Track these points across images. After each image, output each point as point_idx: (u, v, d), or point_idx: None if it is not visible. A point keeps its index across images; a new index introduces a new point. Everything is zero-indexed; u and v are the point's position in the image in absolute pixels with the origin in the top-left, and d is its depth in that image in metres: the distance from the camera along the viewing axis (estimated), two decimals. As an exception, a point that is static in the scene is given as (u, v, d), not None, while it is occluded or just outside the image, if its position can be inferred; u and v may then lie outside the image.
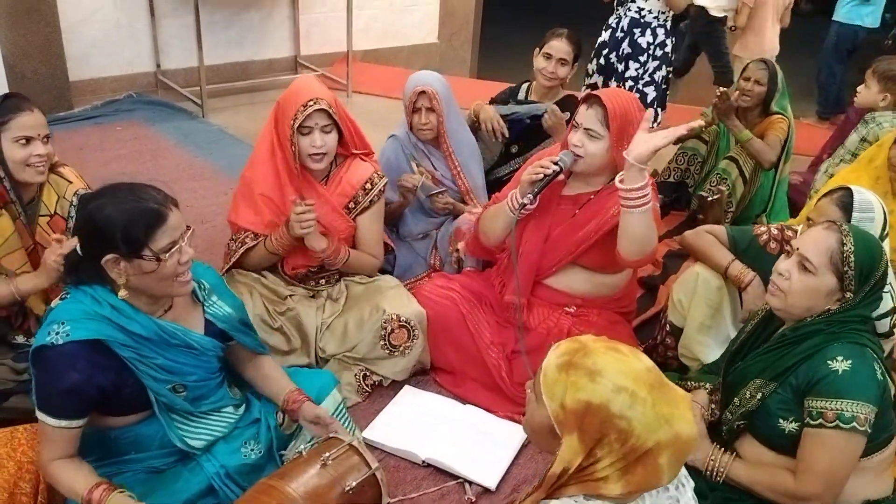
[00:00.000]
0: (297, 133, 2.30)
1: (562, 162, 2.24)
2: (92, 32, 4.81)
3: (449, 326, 2.45)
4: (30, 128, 2.08)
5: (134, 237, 1.58)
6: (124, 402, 1.71)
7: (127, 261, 1.60)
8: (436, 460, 2.13)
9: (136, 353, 1.66)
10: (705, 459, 1.84)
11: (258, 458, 1.88)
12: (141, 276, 1.62)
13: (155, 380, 1.70)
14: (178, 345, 1.73)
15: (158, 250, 1.60)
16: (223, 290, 1.93)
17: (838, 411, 1.64)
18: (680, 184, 3.82)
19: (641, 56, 4.04)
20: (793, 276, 1.76)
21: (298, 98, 2.31)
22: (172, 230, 1.63)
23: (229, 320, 1.88)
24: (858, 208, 2.08)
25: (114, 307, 1.64)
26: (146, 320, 1.68)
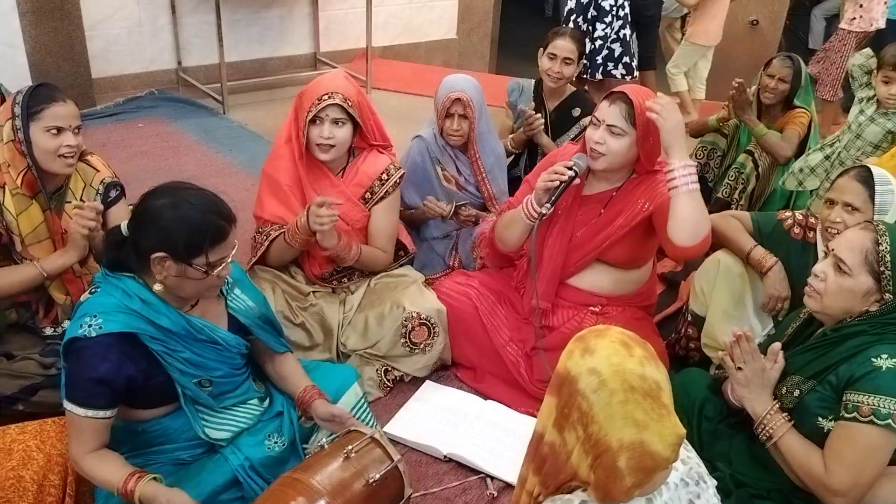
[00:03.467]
0: (308, 124, 2.33)
1: (576, 167, 2.21)
2: (114, 30, 4.86)
3: (467, 323, 2.46)
4: (62, 118, 2.09)
5: (196, 246, 1.62)
6: (152, 393, 1.73)
7: (175, 263, 1.63)
8: (457, 455, 2.14)
9: (164, 347, 1.68)
10: (763, 413, 1.79)
11: (282, 451, 1.89)
12: (181, 279, 1.66)
13: (182, 373, 1.72)
14: (204, 340, 1.76)
15: (209, 264, 1.64)
16: (246, 283, 1.96)
17: (874, 407, 1.61)
18: (700, 179, 3.78)
19: (606, 17, 4.48)
20: (828, 277, 1.74)
21: (317, 91, 2.34)
22: (227, 247, 1.68)
23: (250, 314, 1.90)
24: (879, 181, 2.07)
25: (144, 301, 1.67)
26: (175, 315, 1.70)
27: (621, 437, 1.17)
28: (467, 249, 2.90)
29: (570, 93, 3.28)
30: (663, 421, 1.18)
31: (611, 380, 1.18)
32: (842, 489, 1.65)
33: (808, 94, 3.58)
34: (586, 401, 1.19)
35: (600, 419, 1.18)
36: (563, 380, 1.24)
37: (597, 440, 1.19)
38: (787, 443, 1.74)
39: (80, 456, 1.66)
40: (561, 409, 1.24)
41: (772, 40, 6.04)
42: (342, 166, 2.50)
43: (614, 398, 1.17)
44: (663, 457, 1.17)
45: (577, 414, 1.20)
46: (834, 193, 2.17)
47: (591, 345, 1.23)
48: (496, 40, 7.01)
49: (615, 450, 1.17)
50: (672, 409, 1.21)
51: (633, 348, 1.23)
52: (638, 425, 1.16)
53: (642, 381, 1.19)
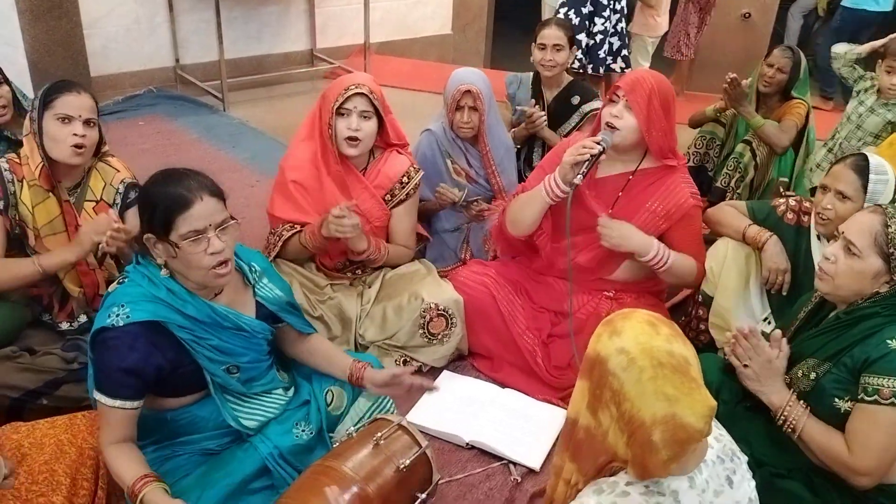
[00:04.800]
0: (335, 115, 2.34)
1: (604, 142, 2.25)
2: (112, 28, 4.85)
3: (484, 312, 2.49)
4: (72, 107, 2.11)
5: (160, 219, 1.64)
6: (181, 381, 1.76)
7: (161, 242, 1.66)
8: (480, 442, 2.17)
9: (191, 335, 1.70)
10: (781, 404, 1.81)
11: (309, 439, 1.92)
12: (173, 260, 1.68)
13: (210, 360, 1.74)
14: (230, 327, 1.78)
15: (177, 237, 1.63)
16: (272, 273, 1.98)
17: (895, 389, 1.65)
18: (700, 168, 3.84)
19: (604, 11, 4.54)
20: (839, 259, 1.77)
21: (342, 84, 2.39)
22: (195, 219, 1.63)
23: (279, 302, 1.92)
24: (874, 170, 2.12)
25: (170, 290, 1.69)
26: (200, 303, 1.72)
27: (654, 412, 1.20)
28: (479, 242, 2.93)
29: (568, 82, 3.32)
30: (693, 394, 1.21)
31: (640, 357, 1.21)
32: (867, 469, 1.68)
33: (805, 85, 3.63)
34: (617, 380, 1.22)
35: (632, 396, 1.21)
36: (594, 362, 1.27)
37: (630, 417, 1.22)
38: (809, 433, 1.77)
39: (105, 444, 1.69)
40: (593, 391, 1.27)
41: (764, 33, 6.09)
42: (363, 165, 2.52)
43: (644, 375, 1.20)
44: (696, 428, 1.20)
45: (610, 393, 1.24)
46: (828, 180, 2.22)
47: (619, 326, 1.27)
48: (491, 35, 7.03)
49: (648, 425, 1.20)
50: (701, 383, 1.24)
51: (659, 327, 1.26)
52: (669, 399, 1.19)
53: (670, 357, 1.22)
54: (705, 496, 1.28)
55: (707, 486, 1.29)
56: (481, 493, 2.04)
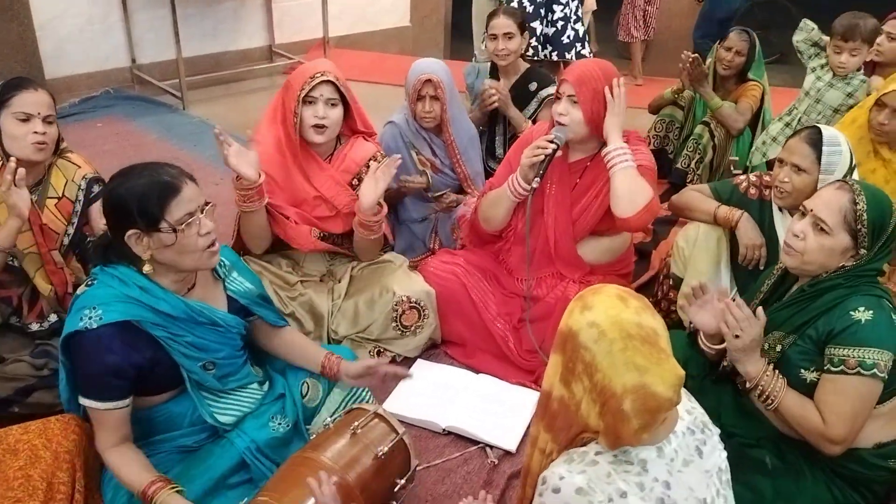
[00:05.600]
0: (301, 104, 2.34)
1: (557, 139, 2.30)
2: (65, 29, 4.77)
3: (455, 301, 2.52)
4: (30, 105, 2.10)
5: (149, 210, 1.61)
6: (158, 379, 1.75)
7: (148, 235, 1.63)
8: (456, 427, 2.20)
9: (167, 332, 1.70)
10: (757, 374, 1.82)
11: (286, 432, 1.92)
12: (164, 251, 1.66)
13: (187, 357, 1.74)
14: (204, 322, 1.77)
15: (174, 222, 1.63)
16: (242, 266, 1.98)
17: (860, 359, 1.70)
18: (660, 151, 3.91)
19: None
20: (808, 236, 1.81)
21: (308, 71, 2.37)
22: (187, 202, 1.65)
23: (250, 295, 1.92)
24: (827, 143, 2.17)
25: (142, 288, 1.68)
26: (174, 299, 1.72)
27: (624, 382, 1.24)
28: (447, 231, 2.95)
29: (526, 69, 3.36)
30: (663, 364, 1.25)
31: (610, 330, 1.25)
32: (841, 438, 1.73)
33: (760, 67, 3.71)
34: (589, 352, 1.26)
35: (603, 367, 1.25)
36: (566, 336, 1.30)
37: (602, 387, 1.25)
38: (787, 404, 1.81)
39: (105, 449, 1.69)
40: (566, 364, 1.31)
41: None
42: (329, 153, 2.52)
43: (614, 346, 1.24)
44: (665, 397, 1.24)
45: (582, 366, 1.27)
46: (784, 153, 2.27)
47: (589, 301, 1.31)
48: (450, 27, 7.04)
49: (619, 394, 1.24)
50: (670, 353, 1.28)
51: (628, 300, 1.30)
52: (639, 369, 1.23)
53: (639, 329, 1.26)
54: (673, 465, 1.32)
55: (676, 456, 1.33)
56: (459, 477, 2.06)
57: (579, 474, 1.30)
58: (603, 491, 1.28)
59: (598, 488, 1.28)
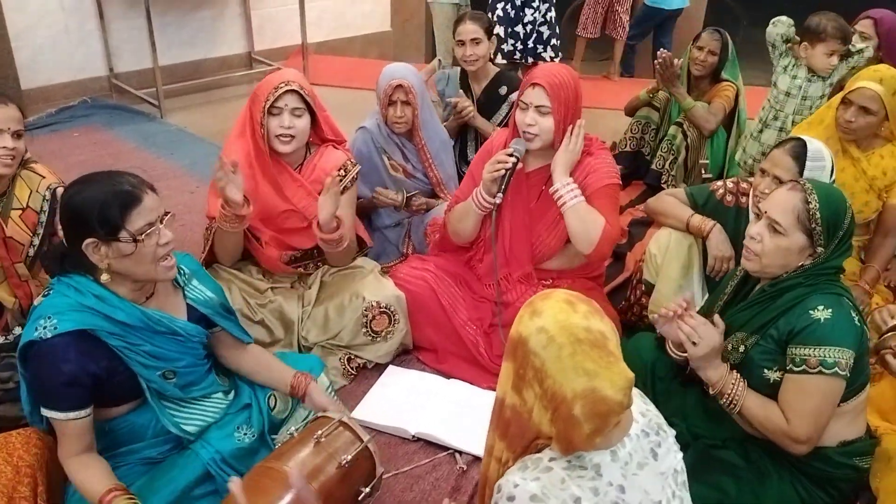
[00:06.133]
0: (267, 115, 2.33)
1: (517, 152, 2.30)
2: (40, 39, 4.75)
3: (426, 306, 2.51)
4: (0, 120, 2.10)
5: (109, 219, 1.60)
6: (117, 389, 1.73)
7: (106, 244, 1.62)
8: (426, 434, 2.19)
9: (123, 341, 1.68)
10: (720, 380, 1.83)
11: (252, 442, 1.91)
12: (122, 260, 1.64)
13: (144, 366, 1.72)
14: (163, 332, 1.76)
15: (135, 231, 1.62)
16: (203, 275, 1.96)
17: (821, 357, 1.70)
18: (636, 153, 3.92)
19: (534, 2, 4.66)
20: (765, 238, 1.81)
21: (273, 81, 2.36)
22: (148, 212, 1.64)
23: (211, 305, 1.91)
24: (811, 157, 2.16)
25: (98, 297, 1.66)
26: (130, 308, 1.70)
27: (574, 387, 1.23)
28: (420, 236, 2.94)
29: (495, 73, 3.37)
30: (612, 367, 1.24)
31: (558, 335, 1.24)
32: (805, 437, 1.74)
33: (734, 67, 3.72)
34: (538, 358, 1.26)
35: (553, 373, 1.24)
36: (517, 343, 1.30)
37: (553, 393, 1.25)
38: (749, 407, 1.82)
39: (66, 458, 1.67)
40: (517, 370, 1.30)
41: (697, 17, 6.22)
42: (299, 162, 2.51)
43: (563, 351, 1.23)
44: (615, 400, 1.24)
45: (532, 372, 1.27)
46: (767, 164, 2.26)
47: (538, 307, 1.30)
48: (431, 30, 7.03)
49: (570, 399, 1.23)
50: (620, 357, 1.28)
51: (577, 305, 1.30)
52: (588, 374, 1.23)
53: (588, 333, 1.25)
54: (628, 468, 1.32)
55: (630, 459, 1.32)
56: (428, 484, 2.06)
57: (533, 481, 1.29)
58: (557, 497, 1.27)
59: (553, 494, 1.28)
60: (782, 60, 3.44)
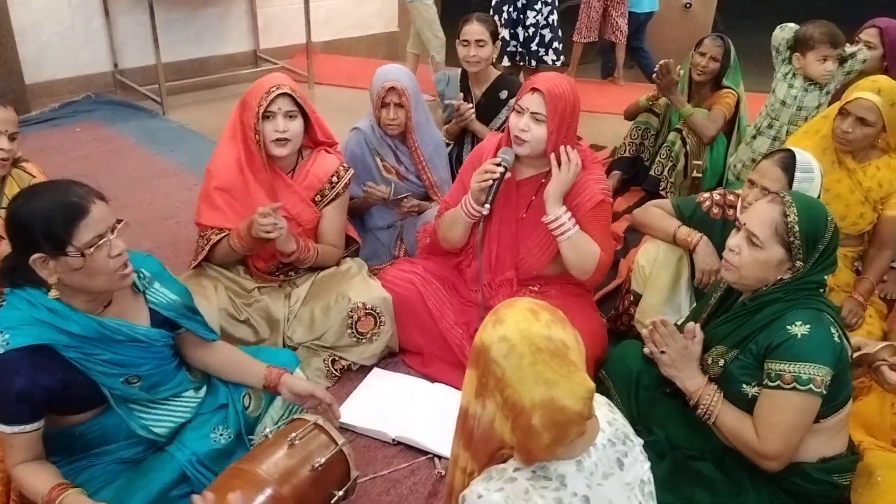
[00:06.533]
0: (261, 119, 2.32)
1: (505, 162, 2.27)
2: (46, 35, 4.78)
3: (413, 309, 2.50)
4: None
5: (54, 233, 1.54)
6: (77, 399, 1.70)
7: (54, 259, 1.56)
8: (405, 438, 2.19)
9: (80, 353, 1.64)
10: (697, 391, 1.84)
11: (228, 443, 1.90)
12: (72, 275, 1.59)
13: (105, 375, 1.69)
14: (123, 340, 1.72)
15: (82, 245, 1.56)
16: (165, 276, 1.91)
17: (796, 374, 1.68)
18: (636, 158, 3.89)
19: (536, 4, 4.71)
20: (742, 250, 1.80)
21: (263, 87, 2.36)
22: (96, 223, 1.59)
23: (174, 307, 1.86)
24: (800, 168, 2.14)
25: (50, 310, 1.61)
26: (85, 320, 1.65)
27: (533, 397, 1.22)
28: (412, 239, 2.93)
29: (496, 77, 3.35)
30: (572, 377, 1.23)
31: (519, 344, 1.24)
32: (774, 453, 1.72)
33: (736, 74, 3.69)
34: (499, 367, 1.25)
35: (513, 382, 1.23)
36: (479, 351, 1.29)
37: (513, 403, 1.24)
38: (722, 419, 1.81)
39: (12, 467, 1.65)
40: (479, 379, 1.29)
41: (704, 23, 6.18)
42: (292, 167, 2.51)
43: (524, 360, 1.23)
44: (574, 410, 1.23)
45: (494, 381, 1.26)
46: (755, 175, 2.24)
47: (502, 315, 1.29)
48: (438, 32, 7.02)
49: (529, 409, 1.22)
50: (581, 367, 1.27)
51: (539, 314, 1.28)
52: (547, 383, 1.22)
53: (549, 342, 1.24)
54: (593, 479, 1.30)
55: (596, 469, 1.31)
56: (405, 489, 2.05)
57: (497, 492, 1.28)
58: (521, 508, 1.26)
59: (516, 505, 1.27)
60: (784, 67, 3.40)
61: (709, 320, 1.99)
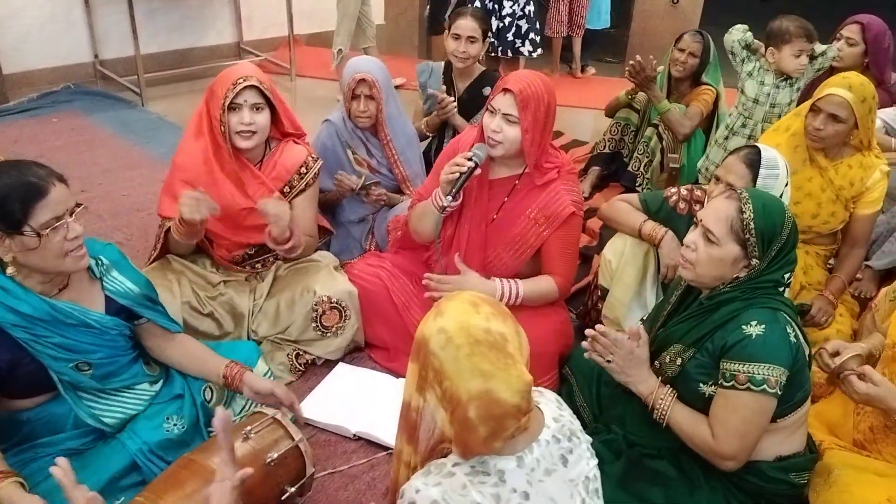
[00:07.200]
0: (226, 112, 2.29)
1: (476, 157, 2.22)
2: (26, 24, 4.73)
3: (379, 304, 2.48)
4: None
5: (11, 212, 1.56)
6: (24, 382, 1.70)
7: (10, 237, 1.58)
8: (366, 433, 2.17)
9: (29, 333, 1.64)
10: (650, 394, 1.83)
11: (181, 433, 1.89)
12: (26, 254, 1.60)
13: (54, 359, 1.69)
14: (74, 324, 1.72)
15: (39, 226, 1.57)
16: (125, 266, 1.89)
17: (750, 374, 1.66)
18: (615, 154, 3.88)
19: None
20: (699, 247, 1.78)
21: (229, 78, 2.31)
22: (55, 205, 1.59)
23: (131, 296, 1.85)
24: (765, 165, 2.12)
25: (2, 288, 1.63)
26: (36, 301, 1.66)
27: (469, 389, 1.21)
28: (383, 233, 2.90)
29: (480, 72, 3.31)
30: (509, 370, 1.22)
31: (456, 335, 1.22)
32: (730, 453, 1.71)
33: (716, 70, 3.68)
34: (437, 358, 1.24)
35: (450, 374, 1.22)
36: (419, 344, 1.28)
37: (451, 395, 1.23)
38: (676, 421, 1.79)
39: None
40: (420, 372, 1.28)
41: (692, 19, 6.17)
42: (259, 158, 2.47)
43: (461, 352, 1.21)
44: (511, 403, 1.21)
45: (433, 373, 1.25)
46: (721, 171, 2.22)
47: (443, 308, 1.28)
48: (424, 24, 6.99)
49: (465, 401, 1.21)
50: (519, 359, 1.25)
51: (480, 306, 1.27)
52: (484, 375, 1.21)
53: (487, 335, 1.23)
54: (534, 475, 1.29)
55: (537, 466, 1.29)
56: (363, 484, 2.03)
57: (435, 486, 1.27)
58: (457, 503, 1.25)
59: (453, 501, 1.25)
60: (745, 66, 3.40)
61: (668, 318, 1.97)
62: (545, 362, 2.29)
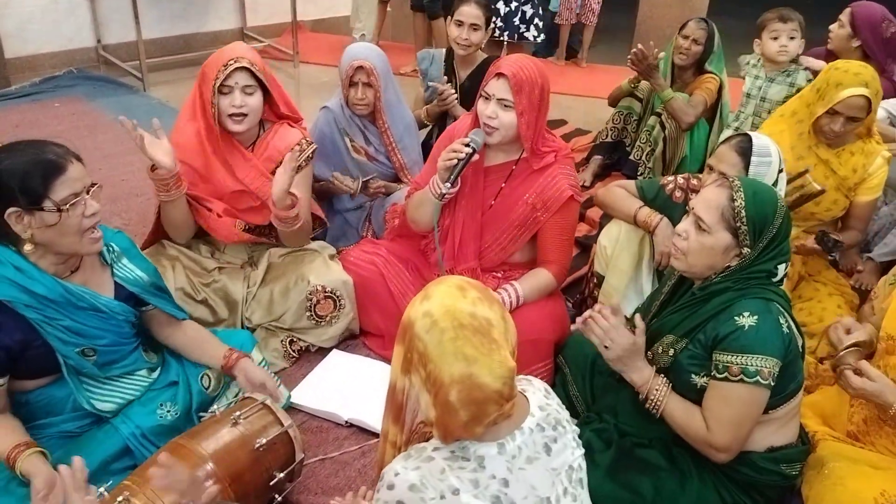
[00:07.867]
0: (217, 94, 2.27)
1: (473, 143, 2.20)
2: (28, 8, 4.73)
3: (374, 291, 2.47)
4: None
5: (32, 188, 1.59)
6: (32, 363, 1.72)
7: (29, 214, 1.61)
8: (358, 420, 2.17)
9: (41, 315, 1.66)
10: (643, 382, 1.81)
11: (174, 420, 1.90)
12: (45, 231, 1.63)
13: (63, 342, 1.71)
14: (85, 307, 1.74)
15: (59, 201, 1.61)
16: (134, 254, 1.93)
17: (743, 365, 1.65)
18: (617, 143, 3.85)
19: None
20: (690, 235, 1.76)
21: (221, 59, 2.28)
22: (73, 181, 1.63)
23: (140, 284, 1.88)
24: (757, 153, 2.11)
25: (17, 268, 1.65)
26: (51, 282, 1.68)
27: (452, 372, 1.21)
28: (380, 220, 2.89)
29: (482, 60, 3.28)
30: (493, 355, 1.22)
31: (441, 319, 1.22)
32: (724, 445, 1.70)
33: (720, 60, 3.64)
34: (422, 341, 1.24)
35: (434, 357, 1.22)
36: (405, 326, 1.29)
37: (434, 378, 1.23)
38: (670, 412, 1.78)
39: None
40: (405, 354, 1.28)
41: (700, 6, 6.11)
42: (252, 140, 2.46)
43: (445, 336, 1.22)
44: (492, 388, 1.22)
45: (417, 356, 1.25)
46: (713, 160, 2.21)
47: (430, 292, 1.28)
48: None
49: (447, 385, 1.21)
50: (504, 346, 1.25)
51: (467, 290, 1.27)
52: (467, 359, 1.21)
53: (472, 319, 1.23)
54: (515, 462, 1.28)
55: (519, 453, 1.29)
56: (354, 471, 2.03)
57: (413, 470, 1.27)
58: (435, 487, 1.25)
59: (431, 485, 1.26)
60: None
61: (661, 309, 1.96)
62: (541, 350, 2.28)
